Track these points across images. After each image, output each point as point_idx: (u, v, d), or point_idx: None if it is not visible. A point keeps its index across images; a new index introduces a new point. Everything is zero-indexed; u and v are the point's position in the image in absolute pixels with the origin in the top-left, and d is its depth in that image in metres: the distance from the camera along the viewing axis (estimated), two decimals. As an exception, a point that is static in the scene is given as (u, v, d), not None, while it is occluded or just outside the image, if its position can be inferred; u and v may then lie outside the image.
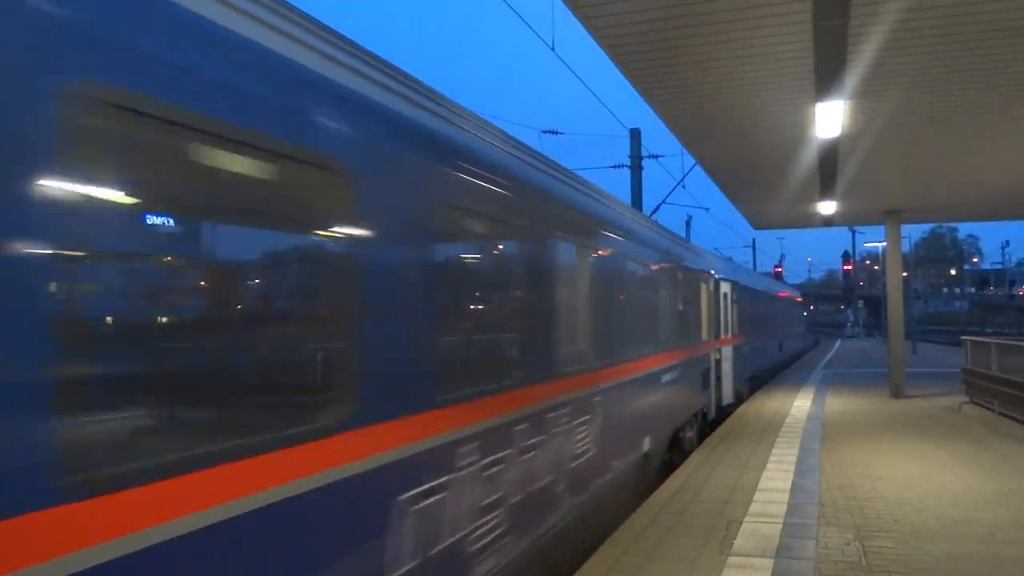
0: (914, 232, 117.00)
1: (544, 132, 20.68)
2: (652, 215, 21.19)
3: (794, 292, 45.91)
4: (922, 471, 10.18)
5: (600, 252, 7.82)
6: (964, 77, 9.36)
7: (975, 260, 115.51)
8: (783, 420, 15.37)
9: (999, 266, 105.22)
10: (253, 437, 2.87)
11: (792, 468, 10.45)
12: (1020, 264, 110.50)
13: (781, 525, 7.59)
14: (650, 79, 9.44)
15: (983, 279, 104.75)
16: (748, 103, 10.38)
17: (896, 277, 21.27)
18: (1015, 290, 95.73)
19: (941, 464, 10.64)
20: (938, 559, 6.52)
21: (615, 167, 21.62)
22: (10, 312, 2.03)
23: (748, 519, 7.83)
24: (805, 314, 60.27)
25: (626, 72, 9.15)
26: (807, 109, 10.47)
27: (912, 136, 12.26)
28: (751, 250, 58.64)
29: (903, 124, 11.45)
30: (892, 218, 20.90)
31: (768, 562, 6.45)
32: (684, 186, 23.48)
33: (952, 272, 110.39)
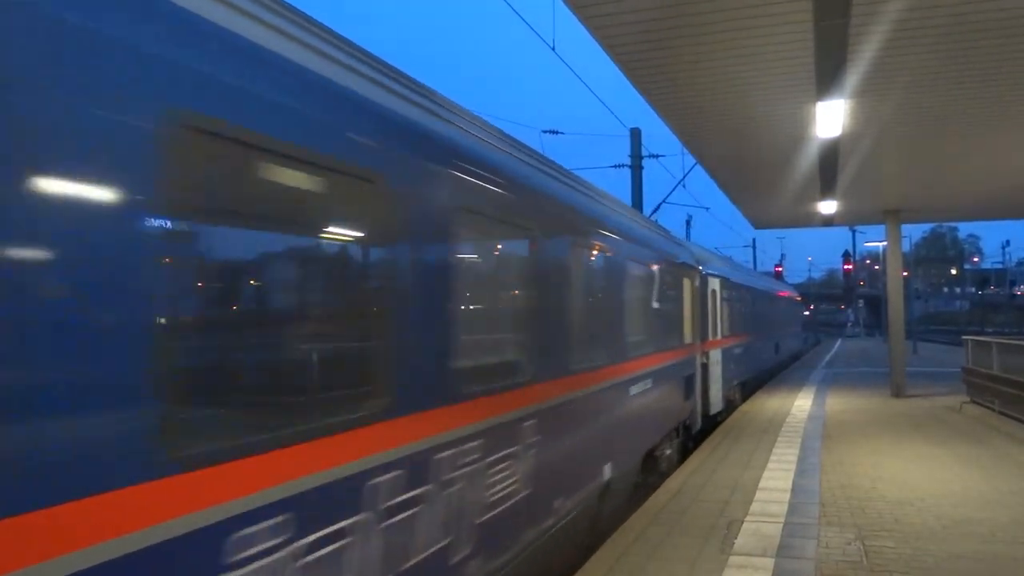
0: (914, 232, 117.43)
1: (544, 132, 20.65)
2: (652, 215, 21.16)
3: (793, 291, 45.48)
4: (923, 471, 10.18)
5: (542, 237, 6.06)
6: (964, 77, 9.36)
7: (975, 260, 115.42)
8: (784, 419, 15.36)
9: (999, 266, 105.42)
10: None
11: (793, 468, 10.45)
12: (1020, 264, 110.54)
13: (782, 525, 7.59)
14: (650, 79, 9.44)
15: (983, 279, 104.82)
16: (748, 102, 10.37)
17: (896, 277, 21.28)
18: (1015, 289, 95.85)
19: (942, 464, 10.64)
20: (939, 559, 6.53)
21: (615, 167, 21.63)
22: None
23: (749, 519, 7.83)
24: (806, 314, 60.00)
25: (626, 72, 9.16)
26: (807, 108, 10.47)
27: (912, 136, 12.26)
28: (751, 250, 58.81)
29: (903, 124, 11.45)
30: (892, 218, 20.91)
31: (769, 562, 6.46)
32: (684, 186, 23.50)
33: (952, 272, 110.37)
